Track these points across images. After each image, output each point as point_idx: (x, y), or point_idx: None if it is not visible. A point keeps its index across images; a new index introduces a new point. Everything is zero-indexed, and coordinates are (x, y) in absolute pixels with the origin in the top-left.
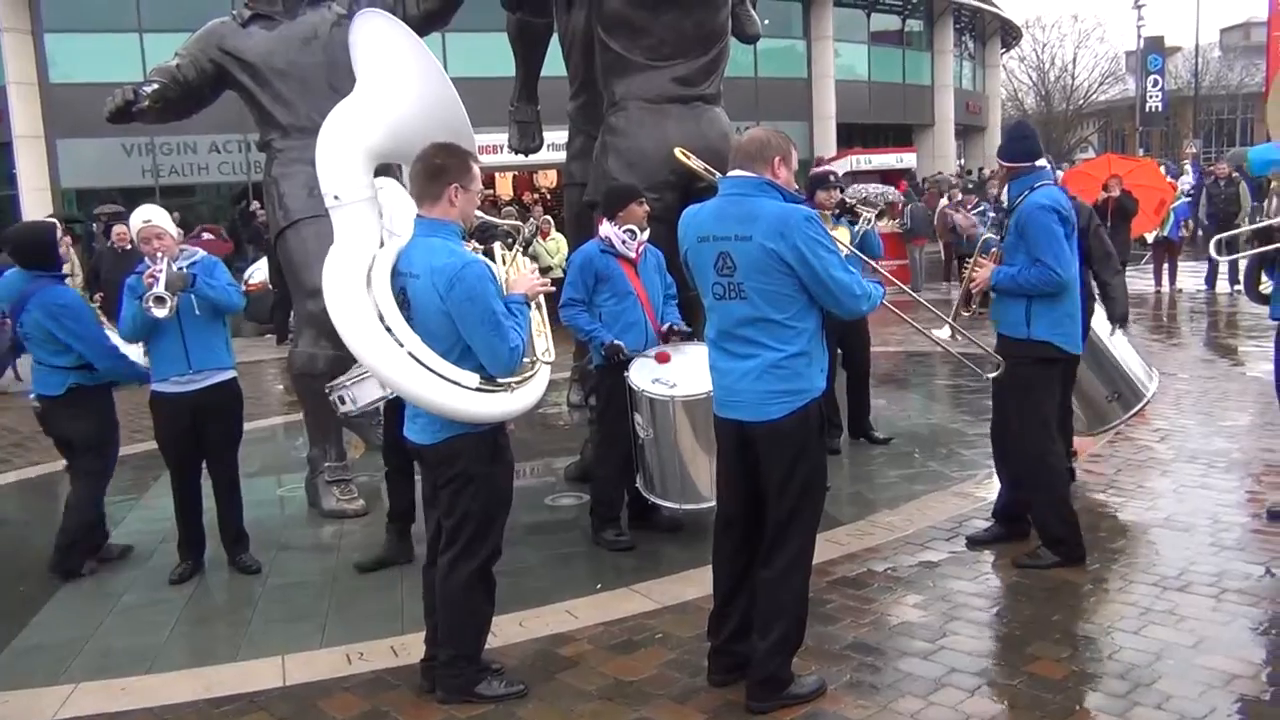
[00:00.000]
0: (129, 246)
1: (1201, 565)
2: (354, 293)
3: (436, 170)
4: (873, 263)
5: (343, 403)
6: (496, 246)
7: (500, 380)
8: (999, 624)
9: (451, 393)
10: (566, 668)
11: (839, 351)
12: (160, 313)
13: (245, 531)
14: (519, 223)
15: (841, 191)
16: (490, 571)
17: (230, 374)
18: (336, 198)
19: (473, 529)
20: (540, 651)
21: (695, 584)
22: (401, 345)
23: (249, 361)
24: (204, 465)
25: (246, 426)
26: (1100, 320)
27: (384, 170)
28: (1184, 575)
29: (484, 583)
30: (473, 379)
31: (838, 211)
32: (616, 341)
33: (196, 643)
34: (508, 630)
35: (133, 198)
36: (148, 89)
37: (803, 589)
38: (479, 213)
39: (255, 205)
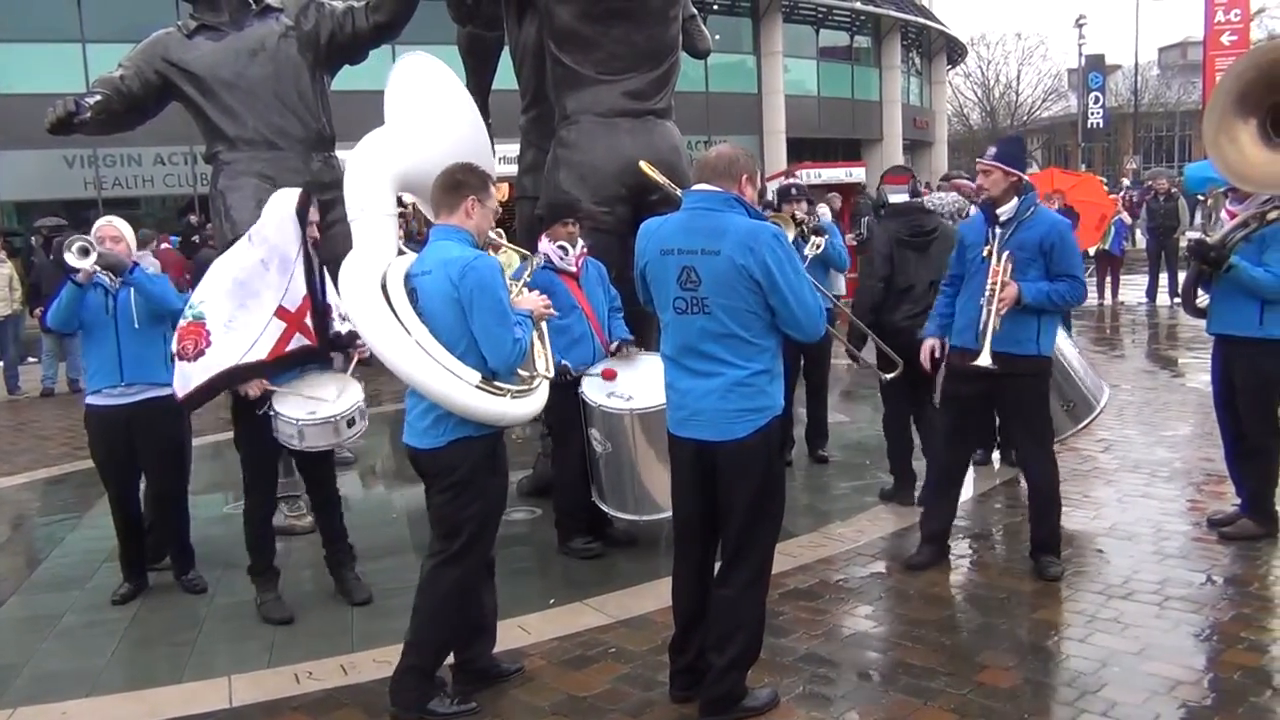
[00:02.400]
0: None
1: (1145, 573)
2: (368, 284)
3: (456, 184)
4: (821, 288)
5: (290, 438)
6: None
7: (500, 385)
8: (950, 634)
9: (452, 383)
10: (519, 684)
11: (801, 362)
12: (77, 262)
13: (190, 548)
14: (529, 253)
15: (809, 203)
16: (472, 587)
17: (167, 390)
18: (362, 209)
19: (465, 537)
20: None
21: (649, 597)
22: (409, 334)
23: None
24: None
25: (193, 443)
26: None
27: None
28: (1128, 583)
29: (463, 596)
30: (474, 376)
31: (797, 229)
32: (563, 362)
33: (140, 664)
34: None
35: (75, 210)
36: (90, 100)
37: (760, 606)
38: (493, 234)
39: (195, 218)
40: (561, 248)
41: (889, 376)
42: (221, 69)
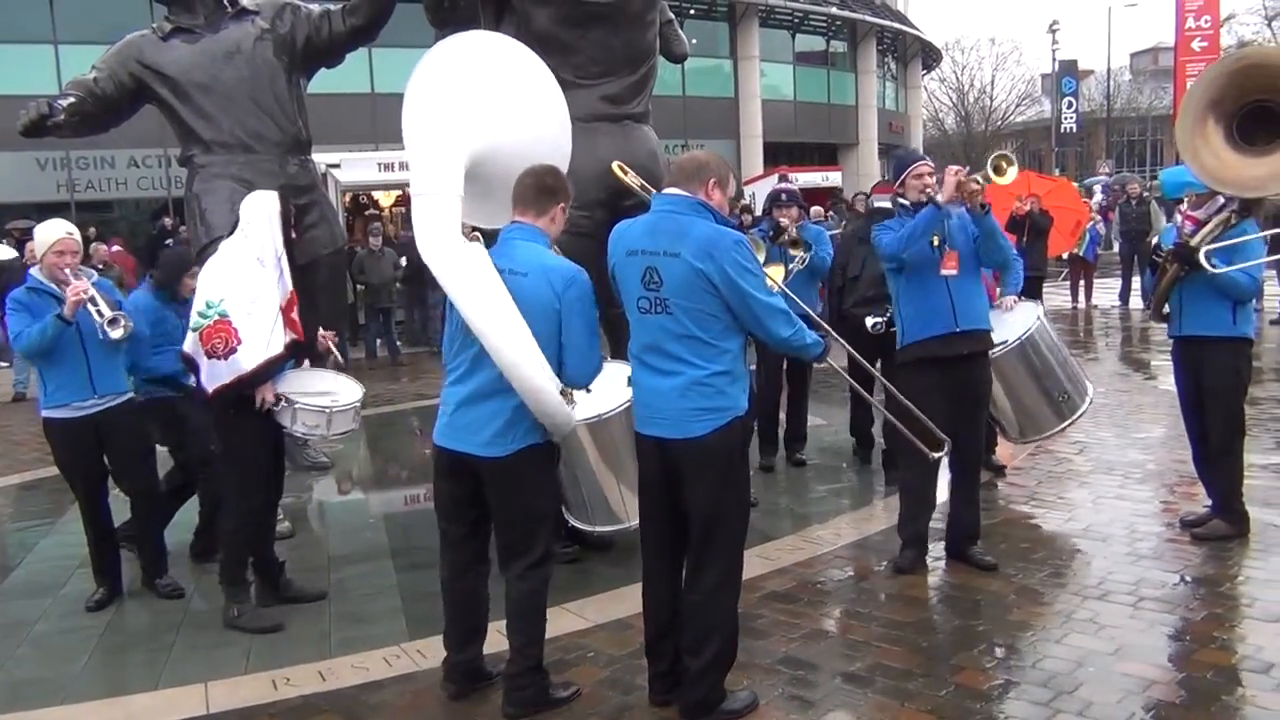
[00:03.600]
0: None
1: (1119, 574)
2: (481, 263)
3: (550, 188)
4: (814, 315)
5: (315, 427)
6: None
7: (567, 394)
8: (927, 635)
9: (550, 382)
10: (499, 687)
11: (783, 367)
12: (118, 334)
13: (165, 552)
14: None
15: (801, 208)
16: (549, 580)
17: (128, 395)
18: (430, 188)
19: (545, 533)
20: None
21: (627, 601)
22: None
23: None
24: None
25: (165, 448)
26: (1043, 324)
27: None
28: (1103, 584)
29: (548, 585)
30: (558, 382)
31: (774, 238)
32: None
33: (114, 671)
34: (439, 651)
35: (47, 213)
36: (63, 102)
37: (732, 608)
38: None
39: (169, 222)
40: None
41: (936, 456)
42: (197, 72)
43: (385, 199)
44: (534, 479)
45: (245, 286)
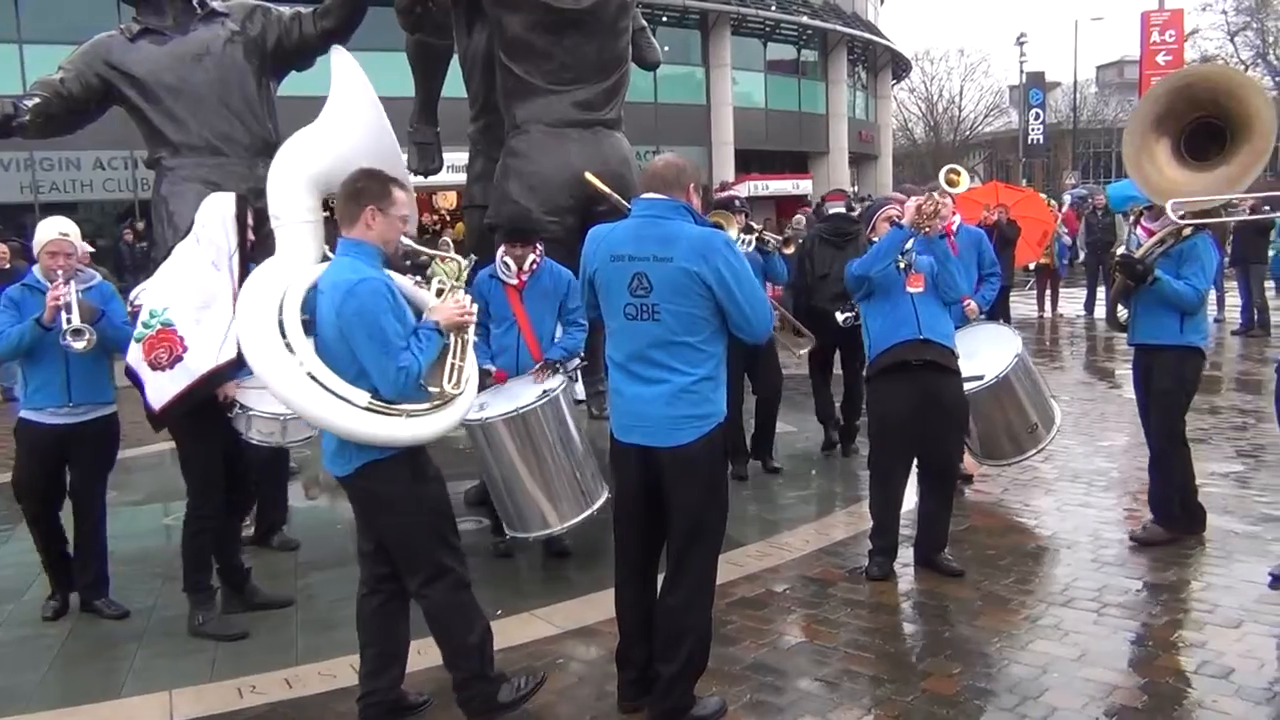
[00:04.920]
0: (6, 266)
1: (1084, 580)
2: (261, 306)
3: (356, 193)
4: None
5: (270, 434)
6: (435, 277)
7: (395, 406)
8: (894, 642)
9: (339, 409)
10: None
11: (745, 378)
12: (79, 346)
13: (107, 576)
14: (457, 256)
15: (747, 216)
16: (465, 580)
17: (111, 409)
18: (277, 218)
19: (427, 562)
20: (440, 679)
21: (597, 607)
22: (298, 360)
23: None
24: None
25: (132, 453)
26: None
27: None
28: (1068, 590)
29: (464, 592)
30: (362, 397)
31: (743, 239)
32: (486, 366)
33: (75, 680)
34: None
35: (10, 216)
36: (28, 103)
37: (706, 615)
38: (408, 240)
39: (130, 235)
40: (505, 264)
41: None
42: (165, 73)
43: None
44: (385, 496)
45: (195, 292)
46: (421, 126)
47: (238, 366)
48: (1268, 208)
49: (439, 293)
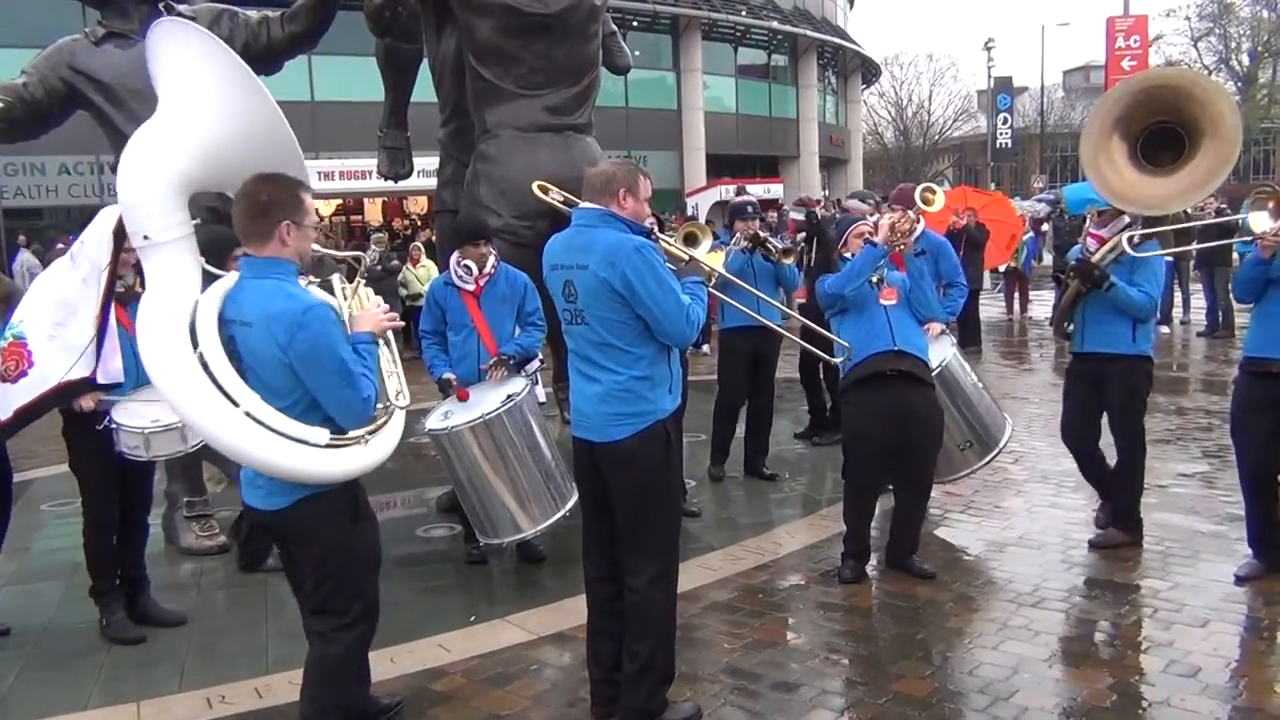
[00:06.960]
0: None
1: (1054, 581)
2: (176, 348)
3: (263, 207)
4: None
5: (135, 448)
6: (335, 280)
7: (352, 433)
8: (866, 644)
9: (300, 454)
10: (439, 703)
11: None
12: None
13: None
14: (359, 253)
15: (762, 220)
16: (367, 641)
17: None
18: (146, 238)
19: (348, 595)
20: (412, 686)
21: (570, 614)
22: (237, 405)
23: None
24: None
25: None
26: (957, 359)
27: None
28: (1038, 591)
29: (361, 647)
30: (322, 435)
31: (750, 246)
32: (447, 375)
33: (42, 692)
34: (378, 666)
35: None
36: None
37: (666, 610)
38: (317, 246)
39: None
40: (465, 267)
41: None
42: (131, 78)
43: (325, 208)
44: (321, 531)
45: (54, 307)
46: (391, 131)
47: (92, 384)
48: (1228, 209)
49: (342, 294)
